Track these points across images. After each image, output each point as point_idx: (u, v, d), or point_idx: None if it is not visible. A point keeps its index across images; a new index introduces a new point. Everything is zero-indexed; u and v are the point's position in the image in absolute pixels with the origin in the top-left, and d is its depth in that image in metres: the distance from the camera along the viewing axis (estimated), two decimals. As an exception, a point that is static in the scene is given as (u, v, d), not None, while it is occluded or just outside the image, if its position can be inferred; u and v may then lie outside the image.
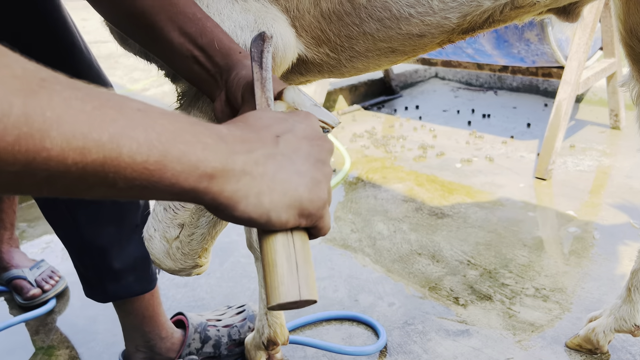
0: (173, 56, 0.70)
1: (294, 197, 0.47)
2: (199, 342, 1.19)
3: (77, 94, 0.36)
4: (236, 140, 0.45)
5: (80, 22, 1.08)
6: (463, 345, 1.25)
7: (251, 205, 0.44)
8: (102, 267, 1.08)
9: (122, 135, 0.37)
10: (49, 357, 1.32)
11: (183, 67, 0.71)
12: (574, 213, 1.84)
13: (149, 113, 0.40)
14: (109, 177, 0.37)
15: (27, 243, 1.85)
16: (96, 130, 0.36)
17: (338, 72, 0.86)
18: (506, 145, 2.53)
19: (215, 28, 0.69)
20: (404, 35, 0.79)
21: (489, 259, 1.59)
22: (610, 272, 1.50)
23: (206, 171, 0.41)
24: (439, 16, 0.77)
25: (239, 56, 0.68)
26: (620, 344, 1.22)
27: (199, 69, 0.70)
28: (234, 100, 0.66)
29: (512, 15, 0.80)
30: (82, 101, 0.36)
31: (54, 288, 1.55)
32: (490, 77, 3.52)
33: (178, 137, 0.40)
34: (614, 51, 2.43)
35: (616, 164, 2.23)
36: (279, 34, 0.76)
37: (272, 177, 0.45)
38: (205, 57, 0.69)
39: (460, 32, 0.81)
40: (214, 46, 0.68)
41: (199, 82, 0.72)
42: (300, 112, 0.54)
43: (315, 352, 1.26)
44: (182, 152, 0.40)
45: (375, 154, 2.50)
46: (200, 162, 0.41)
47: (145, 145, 0.38)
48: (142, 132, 0.38)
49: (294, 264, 0.48)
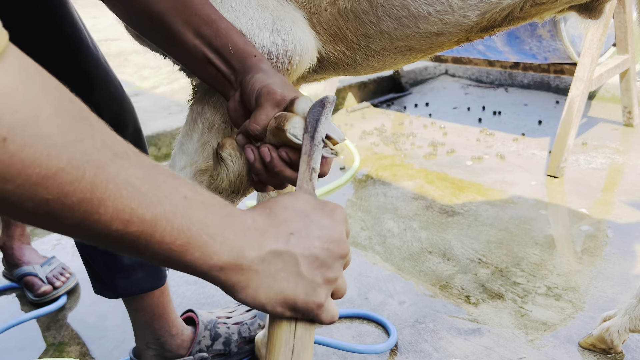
0: (188, 57, 0.71)
1: (289, 296, 0.52)
2: (209, 340, 1.19)
3: (139, 173, 0.43)
4: (254, 234, 0.51)
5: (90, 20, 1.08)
6: (474, 344, 1.24)
7: (249, 296, 0.51)
8: (111, 263, 1.08)
9: (161, 218, 0.44)
10: (59, 354, 1.33)
11: (197, 68, 0.72)
12: (587, 211, 1.82)
13: (193, 202, 0.46)
14: (139, 246, 0.44)
15: (38, 240, 1.86)
16: (142, 208, 0.42)
17: (353, 70, 0.85)
18: (517, 142, 2.50)
19: (230, 30, 0.69)
20: (422, 34, 0.77)
21: (501, 257, 1.58)
22: (624, 271, 1.48)
23: (218, 264, 0.48)
24: (458, 14, 0.75)
25: (254, 60, 0.68)
26: (634, 343, 1.21)
27: (214, 71, 0.70)
28: (248, 102, 0.67)
29: (533, 13, 0.78)
30: (142, 181, 0.43)
31: (65, 285, 1.56)
32: (500, 74, 3.49)
33: (205, 228, 0.47)
34: (627, 47, 2.40)
35: (629, 161, 2.21)
36: (297, 39, 0.75)
37: (274, 275, 0.51)
38: (220, 59, 0.69)
39: (479, 30, 0.79)
40: (229, 49, 0.68)
41: (213, 83, 0.72)
42: (327, 206, 0.57)
43: (325, 350, 1.25)
44: (204, 242, 0.47)
45: (384, 152, 2.49)
46: (216, 255, 0.48)
47: (176, 230, 0.45)
48: (177, 219, 0.45)
49: (290, 351, 0.54)
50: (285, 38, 0.74)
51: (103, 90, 0.99)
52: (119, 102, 1.01)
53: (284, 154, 0.63)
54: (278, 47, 0.74)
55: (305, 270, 0.52)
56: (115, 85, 1.02)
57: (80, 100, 0.41)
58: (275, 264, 0.51)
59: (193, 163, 0.77)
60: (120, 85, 1.04)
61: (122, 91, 1.03)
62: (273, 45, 0.74)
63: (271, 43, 0.74)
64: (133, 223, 0.42)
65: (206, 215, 0.47)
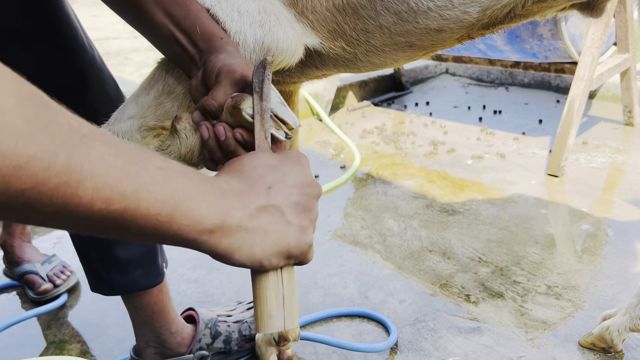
0: (156, 35, 0.72)
1: (283, 245, 0.54)
2: (210, 338, 1.19)
3: (111, 149, 0.42)
4: (234, 195, 0.51)
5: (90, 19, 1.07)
6: (474, 343, 1.24)
7: (245, 255, 0.52)
8: (108, 260, 1.08)
9: (142, 190, 0.43)
10: (60, 352, 1.33)
11: (164, 46, 0.73)
12: (587, 210, 1.82)
13: (168, 171, 0.46)
14: (125, 224, 0.43)
15: (38, 238, 1.86)
16: (122, 184, 0.42)
17: (354, 67, 0.85)
18: (518, 141, 2.50)
19: (200, 12, 0.70)
20: (422, 29, 0.76)
21: (501, 256, 1.58)
22: (624, 270, 1.48)
23: (207, 227, 0.48)
24: (459, 10, 0.74)
25: (220, 42, 0.69)
26: (634, 342, 1.21)
27: (180, 50, 0.71)
28: (209, 80, 0.68)
29: (535, 10, 0.78)
30: (115, 157, 0.42)
31: (66, 283, 1.56)
32: (501, 73, 3.49)
33: (188, 195, 0.47)
34: (628, 46, 2.40)
35: (630, 160, 2.21)
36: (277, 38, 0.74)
37: (264, 229, 0.53)
38: (187, 39, 0.70)
39: (480, 27, 0.78)
40: (196, 30, 0.69)
41: (179, 62, 0.73)
42: (292, 156, 0.59)
43: (325, 349, 1.25)
44: (190, 209, 0.47)
45: (385, 151, 2.49)
46: (203, 218, 0.48)
47: (160, 201, 0.44)
48: (158, 189, 0.44)
49: (281, 299, 0.55)
50: (267, 33, 0.74)
51: (98, 89, 0.99)
52: (115, 101, 1.01)
53: (238, 134, 0.64)
54: (257, 38, 0.74)
55: (292, 217, 0.55)
56: (111, 85, 1.02)
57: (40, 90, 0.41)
58: (264, 219, 0.53)
59: (142, 117, 0.76)
60: (117, 85, 1.04)
61: (118, 90, 1.03)
62: (252, 36, 0.73)
63: (251, 33, 0.73)
64: (115, 200, 0.42)
65: (185, 182, 0.47)
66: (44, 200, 0.38)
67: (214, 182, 0.51)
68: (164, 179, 0.45)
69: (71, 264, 1.65)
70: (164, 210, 0.45)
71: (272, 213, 0.53)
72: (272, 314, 0.54)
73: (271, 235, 0.53)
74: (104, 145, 0.42)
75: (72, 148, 0.39)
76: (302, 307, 1.40)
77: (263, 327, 0.54)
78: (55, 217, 0.41)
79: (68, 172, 0.39)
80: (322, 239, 1.75)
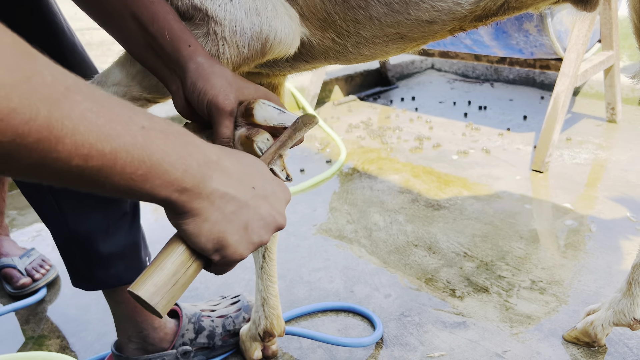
0: (128, 40, 0.69)
1: (226, 240, 0.54)
2: (193, 333, 1.17)
3: (94, 106, 0.41)
4: (218, 170, 0.52)
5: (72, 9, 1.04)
6: (460, 338, 1.24)
7: (193, 223, 0.52)
8: (90, 254, 1.05)
9: (121, 150, 0.43)
10: (39, 347, 1.30)
11: (138, 52, 0.70)
12: (571, 206, 1.83)
13: (150, 131, 0.46)
14: (100, 180, 0.44)
15: (17, 231, 1.82)
16: (101, 142, 0.42)
17: (344, 59, 0.83)
18: (502, 137, 2.51)
19: (168, 14, 0.67)
20: (413, 21, 0.75)
21: (486, 251, 1.58)
22: (607, 265, 1.49)
23: (178, 188, 0.49)
24: (451, 2, 0.73)
25: (188, 51, 0.66)
26: (617, 337, 1.22)
27: (155, 59, 0.68)
28: (201, 113, 0.68)
29: (529, 2, 0.77)
30: (97, 114, 0.41)
31: (45, 277, 1.52)
32: (486, 69, 3.50)
33: (166, 157, 0.47)
34: (612, 44, 2.42)
35: (612, 157, 2.23)
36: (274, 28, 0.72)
37: (224, 215, 0.53)
38: (157, 46, 0.67)
39: (473, 19, 0.77)
40: (165, 35, 0.66)
41: (154, 70, 0.71)
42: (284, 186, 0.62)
43: (310, 344, 1.24)
44: (165, 170, 0.47)
45: (371, 145, 2.48)
46: (177, 181, 0.48)
47: (137, 161, 0.44)
48: (137, 150, 0.44)
49: (174, 280, 0.54)
50: (264, 22, 0.71)
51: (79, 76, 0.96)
52: None
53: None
54: (254, 27, 0.71)
55: (251, 226, 0.56)
56: (92, 73, 0.99)
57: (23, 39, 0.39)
58: (230, 206, 0.53)
59: (127, 85, 0.75)
60: (96, 71, 1.01)
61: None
62: (250, 25, 0.71)
63: (248, 22, 0.70)
64: (93, 157, 0.41)
65: (166, 144, 0.47)
66: (22, 153, 0.38)
67: (204, 149, 0.51)
68: (144, 140, 0.45)
69: (51, 257, 1.62)
70: (140, 170, 0.45)
71: (240, 208, 0.54)
72: (157, 285, 0.53)
73: (225, 223, 0.53)
74: (87, 101, 0.41)
75: (54, 103, 0.38)
76: (288, 302, 1.39)
77: (141, 288, 0.53)
78: (32, 170, 0.40)
79: (49, 127, 0.38)
80: (308, 233, 1.74)
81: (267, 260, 1.13)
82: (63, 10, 1.00)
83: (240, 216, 0.54)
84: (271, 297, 1.15)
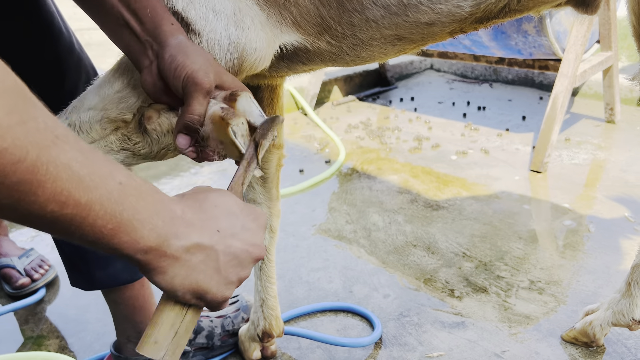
0: (106, 19, 0.68)
1: (202, 288, 0.55)
2: (192, 333, 1.17)
3: (79, 157, 0.43)
4: (182, 225, 0.52)
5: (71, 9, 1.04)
6: (458, 338, 1.24)
7: (164, 281, 0.53)
8: (88, 254, 1.05)
9: (96, 202, 0.44)
10: (38, 347, 1.30)
11: (112, 30, 0.69)
12: (569, 206, 1.84)
13: (127, 187, 0.47)
14: (71, 228, 0.44)
15: (16, 231, 1.82)
16: (79, 192, 0.43)
17: (341, 61, 0.82)
18: (501, 137, 2.52)
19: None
20: (412, 23, 0.74)
21: (485, 251, 1.59)
22: (605, 265, 1.49)
23: (144, 248, 0.49)
24: (451, 4, 0.72)
25: (170, 28, 0.66)
26: (615, 337, 1.22)
27: (128, 34, 0.67)
28: (174, 88, 0.66)
29: (530, 5, 0.76)
30: (81, 165, 0.43)
31: (44, 277, 1.52)
32: (485, 69, 3.51)
33: (137, 214, 0.48)
34: (611, 44, 2.42)
35: (611, 157, 2.23)
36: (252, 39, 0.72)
37: (194, 266, 0.54)
38: (136, 21, 0.66)
39: (473, 21, 0.76)
40: (146, 12, 0.66)
41: (127, 48, 0.69)
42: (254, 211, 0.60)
43: (309, 344, 1.24)
44: (134, 228, 0.48)
45: (370, 145, 2.49)
46: (142, 240, 0.49)
47: (109, 215, 0.46)
48: (111, 204, 0.45)
49: (174, 332, 0.56)
50: (241, 34, 0.71)
51: (77, 77, 0.96)
52: None
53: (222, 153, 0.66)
54: (231, 38, 0.71)
55: (223, 267, 0.56)
56: (90, 73, 0.98)
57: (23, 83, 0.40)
58: (197, 256, 0.54)
59: (104, 109, 0.73)
60: (97, 73, 1.00)
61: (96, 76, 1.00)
62: (227, 35, 0.71)
63: (226, 33, 0.71)
64: (68, 206, 0.43)
65: (138, 202, 0.48)
66: (2, 192, 0.39)
67: (169, 206, 0.52)
68: (119, 195, 0.46)
69: (50, 257, 1.62)
70: (110, 225, 0.46)
71: (208, 255, 0.55)
72: (158, 341, 0.55)
73: (196, 273, 0.54)
74: (74, 151, 0.43)
75: (43, 148, 0.40)
76: (287, 302, 1.39)
77: (144, 348, 0.55)
78: (7, 209, 0.41)
79: (34, 171, 0.39)
80: (307, 233, 1.74)
81: (265, 262, 1.13)
82: (62, 10, 1.00)
83: (210, 263, 0.55)
84: (270, 298, 1.15)
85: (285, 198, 2.00)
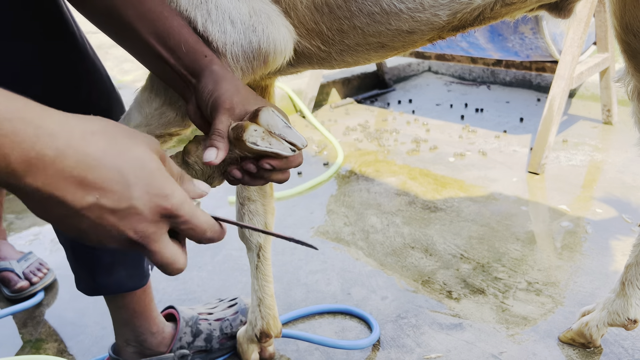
0: (144, 55, 0.71)
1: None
2: (191, 336, 1.17)
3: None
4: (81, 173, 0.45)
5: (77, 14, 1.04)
6: (456, 339, 1.25)
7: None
8: (93, 261, 1.06)
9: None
10: (36, 351, 1.30)
11: (155, 66, 0.72)
12: (567, 207, 1.84)
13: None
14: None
15: (14, 235, 1.82)
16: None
17: (328, 65, 0.86)
18: (499, 139, 2.52)
19: (182, 28, 0.70)
20: (394, 31, 0.78)
21: (482, 253, 1.59)
22: (602, 266, 1.50)
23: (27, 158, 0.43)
24: (429, 13, 0.76)
25: (205, 61, 0.69)
26: (612, 337, 1.22)
27: (170, 70, 0.71)
28: (207, 116, 0.69)
29: (503, 12, 0.80)
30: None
31: (42, 280, 1.52)
32: (483, 71, 3.52)
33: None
34: (607, 46, 2.43)
35: (608, 159, 2.24)
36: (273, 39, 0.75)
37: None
38: (175, 59, 0.70)
39: (450, 29, 0.81)
40: (182, 49, 0.69)
41: (172, 83, 0.73)
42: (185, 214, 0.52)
43: (308, 346, 1.25)
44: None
45: (368, 148, 2.49)
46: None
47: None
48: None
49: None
50: (261, 36, 0.74)
51: (91, 84, 0.95)
52: (107, 97, 0.98)
53: (267, 165, 0.66)
54: (253, 46, 0.74)
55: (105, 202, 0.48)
56: (103, 80, 0.98)
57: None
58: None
59: (148, 125, 0.79)
60: (109, 79, 1.00)
61: (110, 85, 0.99)
62: (248, 44, 0.74)
63: (247, 41, 0.74)
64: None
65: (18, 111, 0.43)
66: None
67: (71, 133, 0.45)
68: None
69: (48, 261, 1.62)
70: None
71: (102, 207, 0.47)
72: None
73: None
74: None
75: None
76: (285, 304, 1.39)
77: None
78: None
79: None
80: (305, 235, 1.74)
81: (261, 260, 1.14)
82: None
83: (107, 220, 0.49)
84: (267, 297, 1.15)
85: (284, 200, 2.00)
